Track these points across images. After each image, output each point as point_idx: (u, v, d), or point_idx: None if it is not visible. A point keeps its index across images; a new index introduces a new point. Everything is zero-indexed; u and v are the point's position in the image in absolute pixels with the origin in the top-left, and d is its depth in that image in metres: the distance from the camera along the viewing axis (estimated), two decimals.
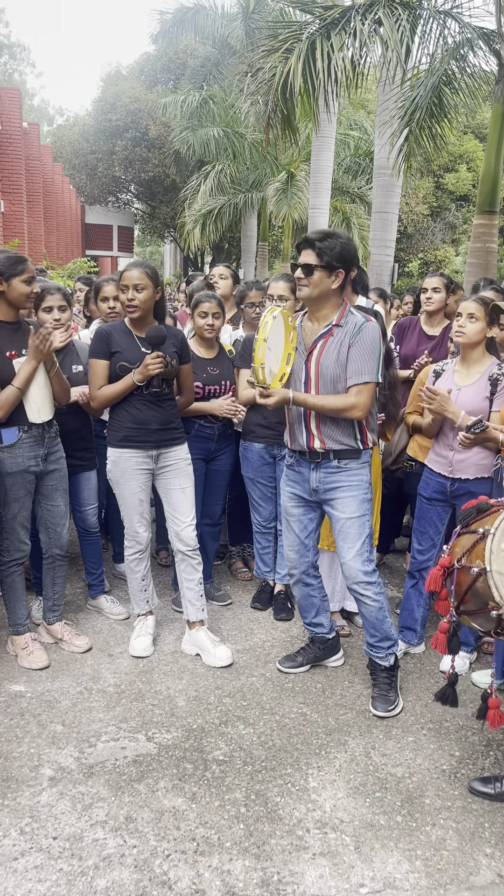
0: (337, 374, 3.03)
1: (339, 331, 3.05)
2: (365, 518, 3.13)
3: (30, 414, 3.25)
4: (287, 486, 3.33)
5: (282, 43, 8.02)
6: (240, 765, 2.78)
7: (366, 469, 3.15)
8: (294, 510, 3.31)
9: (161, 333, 3.33)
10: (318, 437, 3.12)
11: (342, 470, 3.12)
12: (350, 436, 3.10)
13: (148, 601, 3.58)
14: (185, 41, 22.27)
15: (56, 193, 21.07)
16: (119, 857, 2.32)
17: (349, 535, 3.13)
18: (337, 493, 3.13)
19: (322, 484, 3.16)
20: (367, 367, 3.00)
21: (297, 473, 3.26)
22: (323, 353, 3.06)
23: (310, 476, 3.20)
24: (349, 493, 3.11)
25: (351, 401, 3.00)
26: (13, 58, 44.18)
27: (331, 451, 3.11)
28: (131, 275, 3.31)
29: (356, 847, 2.41)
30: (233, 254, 25.77)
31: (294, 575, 3.40)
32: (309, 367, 3.09)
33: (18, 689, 3.23)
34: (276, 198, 15.48)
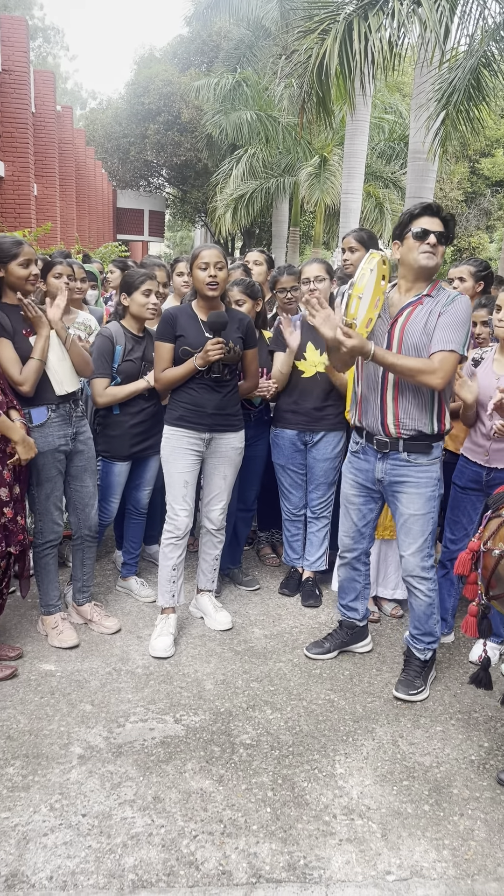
0: (422, 342, 2.91)
1: (429, 301, 2.95)
2: (430, 515, 3.06)
3: (55, 386, 3.28)
4: (350, 473, 3.26)
5: (318, 24, 7.91)
6: (267, 749, 2.78)
7: (436, 466, 3.07)
8: (355, 498, 3.26)
9: (222, 319, 3.32)
10: (392, 413, 3.01)
11: (410, 465, 3.04)
12: (427, 413, 2.98)
13: (174, 595, 3.56)
14: (219, 23, 22.10)
15: (88, 177, 21.12)
16: (147, 836, 2.34)
17: (412, 531, 3.08)
18: (403, 488, 3.07)
19: (388, 476, 3.09)
20: (455, 336, 2.86)
21: (362, 461, 3.19)
22: (409, 320, 2.94)
23: (376, 466, 3.13)
24: (416, 490, 3.04)
25: (434, 365, 2.84)
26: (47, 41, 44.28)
27: (401, 440, 3.02)
28: (211, 253, 3.32)
29: (383, 834, 2.40)
30: (264, 239, 25.63)
31: (345, 558, 3.38)
32: (392, 334, 2.97)
33: (49, 668, 3.27)
34: (308, 182, 15.32)
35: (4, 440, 3.02)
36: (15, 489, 3.10)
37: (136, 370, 3.70)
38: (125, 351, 3.68)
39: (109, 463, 3.71)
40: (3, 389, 3.09)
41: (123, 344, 3.69)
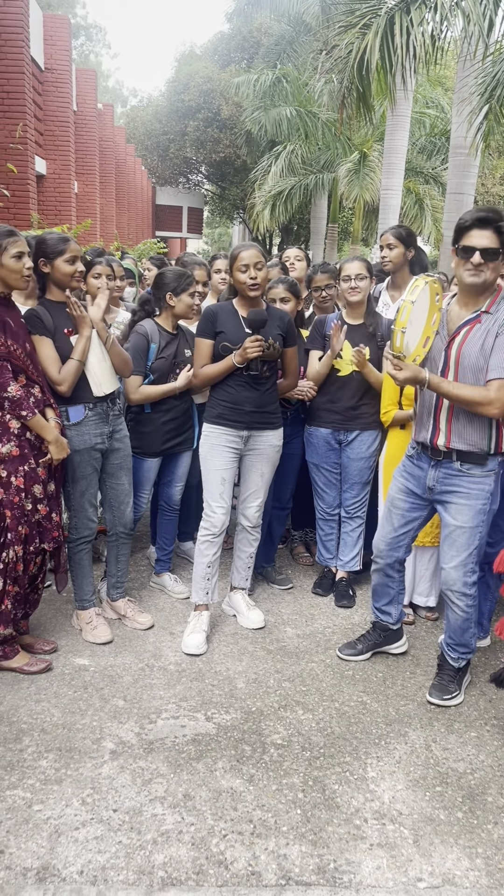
0: (479, 364, 2.78)
1: (487, 318, 2.80)
2: (478, 529, 2.94)
3: (93, 387, 3.30)
4: (401, 476, 3.16)
5: (359, 18, 7.85)
6: (298, 750, 2.77)
7: (490, 478, 2.92)
8: (401, 503, 3.15)
9: (262, 317, 3.32)
10: (444, 433, 2.91)
11: (463, 475, 2.92)
12: (483, 436, 2.87)
13: (208, 592, 3.56)
14: (260, 19, 22.07)
15: (128, 174, 21.26)
16: (177, 833, 2.34)
17: (457, 543, 2.97)
18: (453, 498, 2.96)
19: (439, 484, 2.99)
20: None
21: (415, 467, 3.09)
22: (466, 340, 2.82)
23: (428, 473, 3.03)
24: (465, 501, 2.93)
25: (490, 395, 2.72)
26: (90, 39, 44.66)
27: (454, 451, 2.92)
28: (250, 254, 3.32)
29: (415, 840, 2.37)
30: (302, 235, 25.55)
31: (378, 563, 3.29)
32: (449, 354, 2.86)
33: (83, 662, 3.29)
34: (347, 178, 15.21)
35: (39, 438, 3.05)
36: (49, 486, 3.13)
37: (169, 367, 3.72)
38: (159, 348, 3.69)
39: (140, 459, 3.73)
40: (42, 388, 3.11)
41: (158, 342, 3.70)
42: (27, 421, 2.98)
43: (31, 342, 3.12)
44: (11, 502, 2.98)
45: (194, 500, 4.25)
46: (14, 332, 2.99)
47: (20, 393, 2.95)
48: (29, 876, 2.15)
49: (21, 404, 2.95)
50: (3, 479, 2.97)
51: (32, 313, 3.19)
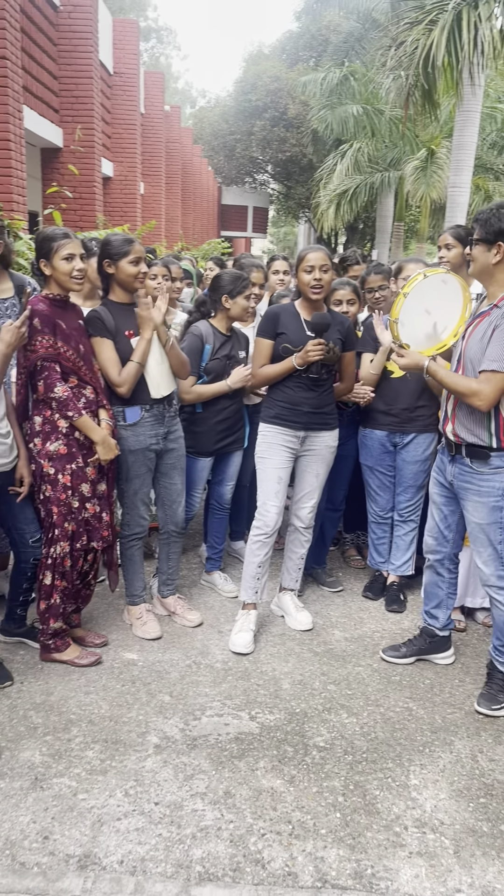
0: (477, 356, 2.86)
1: (496, 312, 2.85)
2: (496, 525, 2.95)
3: (151, 389, 3.35)
4: (434, 471, 3.26)
5: (426, 14, 7.73)
6: (340, 753, 2.76)
7: (499, 475, 2.91)
8: (437, 497, 3.23)
9: (325, 320, 3.34)
10: (450, 421, 3.02)
11: (473, 472, 2.97)
12: (483, 427, 2.90)
13: (258, 592, 3.58)
14: (329, 17, 21.96)
15: (194, 175, 21.48)
16: (216, 829, 2.37)
17: (478, 539, 3.02)
18: (467, 496, 3.01)
19: (456, 480, 3.06)
20: (501, 354, 2.77)
21: (441, 461, 3.19)
22: (474, 331, 2.91)
23: (447, 467, 3.11)
24: (478, 499, 2.97)
25: (473, 386, 2.81)
26: (160, 42, 45.26)
27: (463, 446, 2.98)
28: (317, 256, 3.34)
29: (455, 851, 2.34)
30: (367, 234, 25.32)
31: (429, 560, 3.33)
32: (462, 344, 2.98)
33: (131, 657, 3.36)
34: (414, 176, 14.98)
35: (90, 439, 3.12)
36: (100, 486, 3.20)
37: (222, 368, 3.75)
38: (213, 350, 3.73)
39: (193, 458, 3.78)
40: (95, 389, 3.19)
41: (212, 343, 3.74)
42: (74, 421, 3.05)
43: (86, 344, 3.20)
44: (58, 499, 3.06)
45: (246, 499, 4.29)
46: (66, 333, 3.07)
47: (67, 394, 3.02)
48: (71, 863, 2.22)
49: (68, 405, 3.03)
50: (50, 476, 3.06)
51: (94, 315, 3.26)
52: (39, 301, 3.06)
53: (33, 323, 2.98)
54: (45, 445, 3.06)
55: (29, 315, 2.97)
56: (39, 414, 3.08)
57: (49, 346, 2.99)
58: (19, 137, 7.17)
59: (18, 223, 5.28)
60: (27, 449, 3.09)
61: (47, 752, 2.69)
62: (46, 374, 3.01)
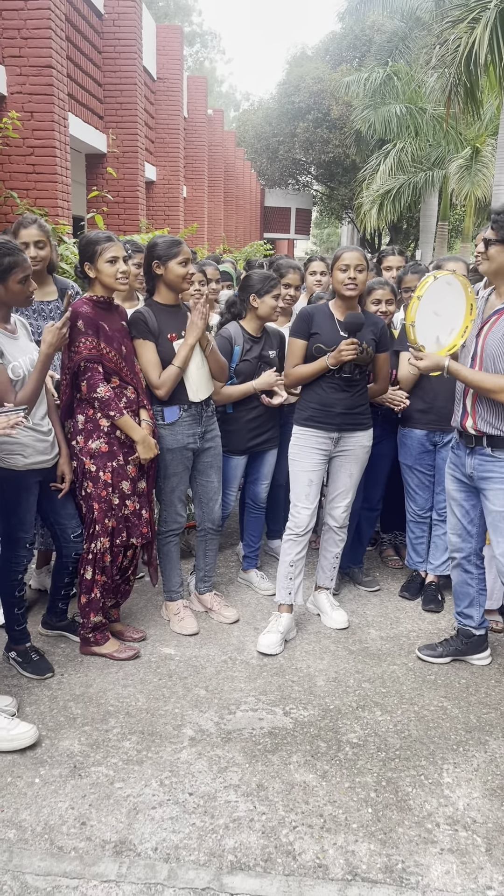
0: (499, 352, 2.89)
1: None
2: None
3: (189, 393, 3.41)
4: (449, 468, 3.27)
5: (469, 12, 7.67)
6: (373, 750, 2.78)
7: None
8: (456, 494, 3.24)
9: (358, 320, 3.36)
10: (470, 416, 3.03)
11: (495, 460, 2.99)
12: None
13: (291, 593, 3.58)
14: (373, 17, 21.88)
15: (237, 178, 21.61)
16: (248, 820, 2.41)
17: (499, 528, 3.02)
18: (489, 484, 3.02)
19: (476, 471, 3.07)
20: None
21: (456, 455, 3.20)
22: (493, 329, 2.93)
23: (465, 460, 3.12)
24: (501, 486, 2.98)
25: (501, 383, 2.86)
26: (204, 46, 45.60)
27: (484, 437, 3.00)
28: (352, 255, 3.37)
29: (487, 849, 2.34)
30: (411, 234, 25.12)
31: (455, 559, 3.34)
32: (478, 342, 2.99)
33: (169, 651, 3.43)
34: (458, 175, 14.86)
35: (131, 437, 3.20)
36: (140, 484, 3.27)
37: (252, 370, 3.79)
38: (243, 351, 3.77)
39: (227, 457, 3.82)
40: (137, 389, 3.26)
41: (242, 344, 3.78)
42: (115, 420, 3.13)
43: (128, 345, 3.27)
44: (99, 496, 3.14)
45: (282, 498, 4.32)
46: (108, 335, 3.15)
47: (109, 394, 3.10)
48: (107, 848, 2.28)
49: (110, 405, 3.10)
50: (92, 473, 3.14)
51: (138, 316, 3.33)
52: (83, 303, 3.14)
53: (77, 325, 3.07)
54: (87, 443, 3.15)
55: (71, 317, 3.05)
56: (82, 412, 3.16)
57: (92, 347, 3.07)
58: (64, 144, 7.34)
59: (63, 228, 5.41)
60: (69, 446, 3.18)
61: (86, 742, 2.77)
62: (89, 374, 3.09)
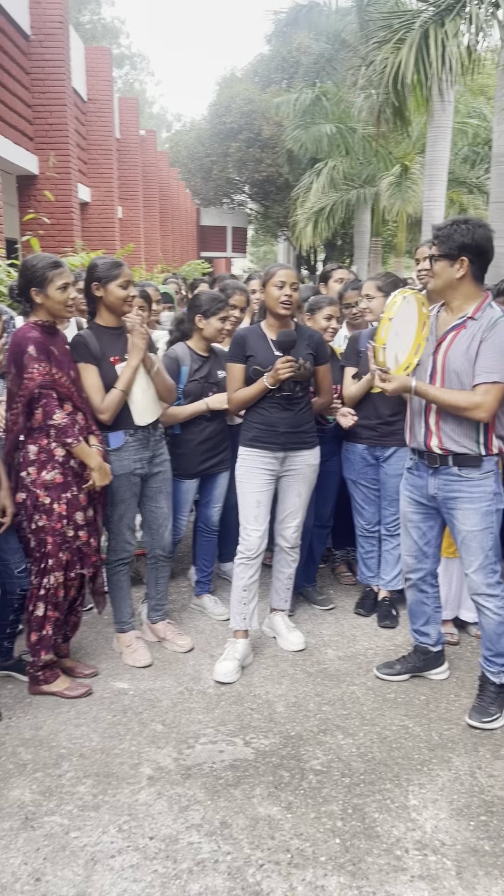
0: (464, 368, 2.86)
1: (473, 324, 2.86)
2: (488, 531, 2.95)
3: (135, 416, 3.32)
4: (406, 489, 3.22)
5: (394, 33, 7.84)
6: (337, 776, 2.72)
7: (489, 479, 2.94)
8: (413, 516, 3.20)
9: (291, 337, 3.32)
10: (435, 435, 2.98)
11: (462, 479, 2.95)
12: (471, 438, 2.91)
13: (246, 618, 3.50)
14: (299, 39, 22.23)
15: (172, 197, 21.61)
16: (213, 862, 2.32)
17: (470, 548, 2.99)
18: (457, 504, 2.98)
19: (441, 492, 3.02)
20: (497, 365, 2.78)
21: (416, 477, 3.14)
22: (452, 345, 2.90)
23: (428, 481, 3.07)
24: (470, 506, 2.95)
25: (476, 399, 2.81)
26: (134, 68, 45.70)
27: (449, 456, 2.95)
28: (287, 273, 3.34)
29: (458, 872, 2.30)
30: (346, 250, 25.52)
31: (410, 579, 3.30)
32: (436, 359, 2.95)
33: (122, 686, 3.30)
34: (389, 192, 15.16)
35: (83, 465, 3.09)
36: (89, 512, 3.16)
37: (201, 390, 3.73)
38: (190, 371, 3.71)
39: (178, 480, 3.74)
40: (85, 414, 3.16)
41: (189, 364, 3.72)
42: (72, 448, 3.02)
43: (75, 369, 3.17)
44: (53, 529, 3.02)
45: (234, 521, 4.24)
46: (59, 360, 3.05)
47: (66, 420, 3.00)
48: None
49: (66, 431, 3.00)
50: (46, 505, 3.02)
51: (80, 340, 3.24)
52: (31, 328, 3.03)
53: (28, 351, 2.95)
54: (40, 475, 3.02)
55: (22, 343, 2.94)
56: (35, 443, 3.04)
57: (45, 372, 2.97)
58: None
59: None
60: (13, 479, 3.05)
61: (37, 790, 2.63)
62: (45, 401, 2.98)
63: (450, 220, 2.87)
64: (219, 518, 4.01)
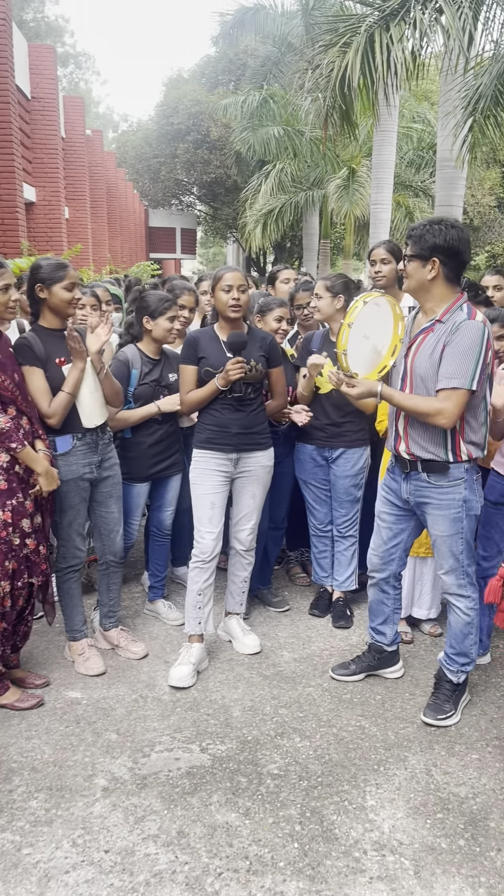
0: (429, 373, 2.82)
1: (440, 327, 2.82)
2: (458, 536, 2.94)
3: (83, 419, 3.25)
4: (382, 490, 3.22)
5: (340, 37, 7.89)
6: (295, 780, 2.70)
7: (459, 486, 2.91)
8: (386, 516, 3.19)
9: (241, 339, 3.30)
10: (403, 441, 2.97)
11: (431, 486, 2.94)
12: (439, 444, 2.88)
13: (201, 622, 3.46)
14: (246, 42, 22.24)
15: (120, 198, 21.38)
16: (170, 873, 2.27)
17: (441, 551, 3.01)
18: (427, 510, 2.99)
19: (413, 496, 3.03)
20: (459, 370, 2.73)
21: (392, 480, 3.14)
22: (420, 349, 2.87)
23: (402, 485, 3.07)
24: (438, 512, 2.95)
25: (436, 406, 2.77)
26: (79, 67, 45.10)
27: (418, 462, 2.94)
28: (235, 276, 3.31)
29: (416, 872, 2.30)
30: (295, 252, 25.64)
31: (374, 578, 3.29)
32: (407, 363, 2.94)
33: (75, 695, 3.23)
34: (337, 195, 15.27)
35: (28, 471, 3.01)
36: (36, 519, 3.08)
37: (152, 393, 3.68)
38: (141, 374, 3.66)
39: (129, 484, 3.68)
40: (31, 418, 3.07)
41: (140, 367, 3.67)
42: (17, 453, 2.93)
43: (19, 372, 3.09)
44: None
45: (187, 524, 4.20)
46: (1, 363, 2.96)
47: (9, 425, 2.91)
48: None
49: (10, 436, 2.91)
50: None
51: (23, 342, 3.15)
52: None
53: None
54: None
55: None
56: None
57: None
58: None
59: None
60: None
61: None
62: None
63: (425, 221, 2.82)
64: (171, 522, 3.96)
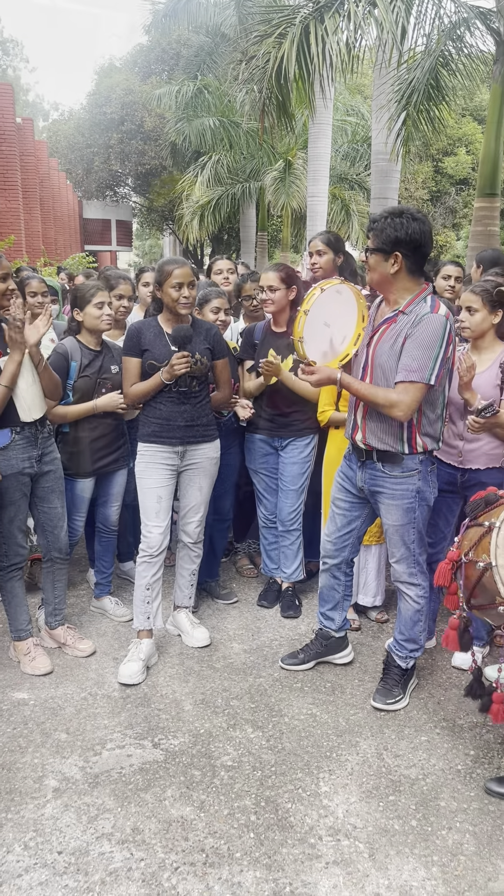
0: (389, 365, 2.83)
1: (403, 318, 2.82)
2: (409, 526, 2.98)
3: (21, 412, 3.17)
4: (338, 476, 3.23)
5: (275, 28, 7.88)
6: (249, 770, 2.70)
7: (413, 478, 2.94)
8: (341, 503, 3.20)
9: (185, 333, 3.26)
10: (360, 430, 2.98)
11: (386, 476, 2.97)
12: (395, 436, 2.90)
13: (150, 617, 3.43)
14: (178, 31, 22.02)
15: (53, 189, 20.93)
16: (126, 871, 2.25)
17: (392, 540, 3.05)
18: (381, 499, 3.02)
19: (367, 485, 3.05)
20: (418, 364, 2.73)
21: (349, 468, 3.16)
22: (382, 339, 2.88)
23: (357, 473, 3.09)
24: (391, 501, 2.98)
25: (392, 398, 2.77)
26: (6, 53, 43.84)
27: (374, 451, 2.96)
28: (186, 272, 3.25)
29: (370, 854, 2.34)
30: (232, 244, 25.59)
31: (326, 564, 3.31)
32: (369, 352, 2.94)
33: (21, 696, 3.16)
34: (273, 187, 15.31)
35: None
36: None
37: (92, 386, 3.61)
38: (81, 366, 3.58)
39: (72, 480, 3.61)
40: None
41: (79, 360, 3.59)
42: None
43: None
44: None
45: (131, 518, 4.16)
46: None
47: None
48: None
49: None
50: None
51: None
52: None
53: None
54: None
55: None
56: None
57: None
58: None
59: None
60: None
61: None
62: None
63: (386, 212, 2.80)
64: (117, 517, 3.90)
